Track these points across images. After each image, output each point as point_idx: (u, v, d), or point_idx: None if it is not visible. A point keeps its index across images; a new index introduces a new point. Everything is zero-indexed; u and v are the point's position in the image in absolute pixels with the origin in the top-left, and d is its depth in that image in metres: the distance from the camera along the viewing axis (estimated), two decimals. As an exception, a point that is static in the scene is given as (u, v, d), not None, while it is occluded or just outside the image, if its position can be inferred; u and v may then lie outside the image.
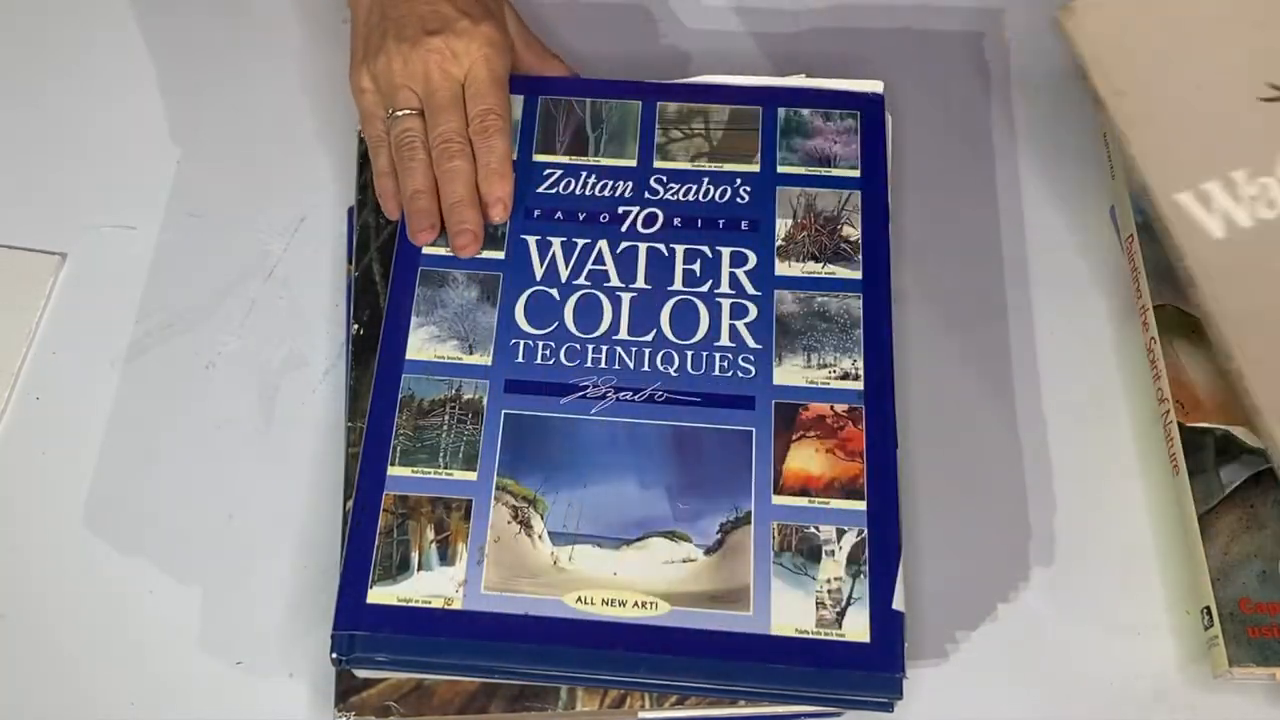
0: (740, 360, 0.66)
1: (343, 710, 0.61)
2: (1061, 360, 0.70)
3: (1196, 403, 0.65)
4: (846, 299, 0.67)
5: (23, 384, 0.72)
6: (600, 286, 0.68)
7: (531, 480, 0.63)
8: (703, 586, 0.61)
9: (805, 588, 0.61)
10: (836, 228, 0.69)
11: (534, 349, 0.67)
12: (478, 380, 0.66)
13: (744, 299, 0.68)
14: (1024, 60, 0.79)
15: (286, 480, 0.69)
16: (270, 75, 0.81)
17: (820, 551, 0.61)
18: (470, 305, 0.68)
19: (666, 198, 0.71)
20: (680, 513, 0.62)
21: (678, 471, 0.63)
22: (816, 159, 0.72)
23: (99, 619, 0.66)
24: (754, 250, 0.69)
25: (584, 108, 0.74)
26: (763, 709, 0.61)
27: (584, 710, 0.61)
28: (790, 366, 0.66)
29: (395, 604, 0.61)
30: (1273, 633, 0.60)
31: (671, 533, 0.62)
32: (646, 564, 0.61)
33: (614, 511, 0.63)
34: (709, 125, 0.73)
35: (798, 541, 0.62)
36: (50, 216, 0.77)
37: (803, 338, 0.67)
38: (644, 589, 0.61)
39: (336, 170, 0.78)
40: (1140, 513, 0.66)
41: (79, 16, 0.84)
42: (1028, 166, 0.76)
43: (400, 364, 0.67)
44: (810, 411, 0.65)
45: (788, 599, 0.60)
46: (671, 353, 0.66)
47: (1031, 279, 0.72)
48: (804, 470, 0.63)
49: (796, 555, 0.61)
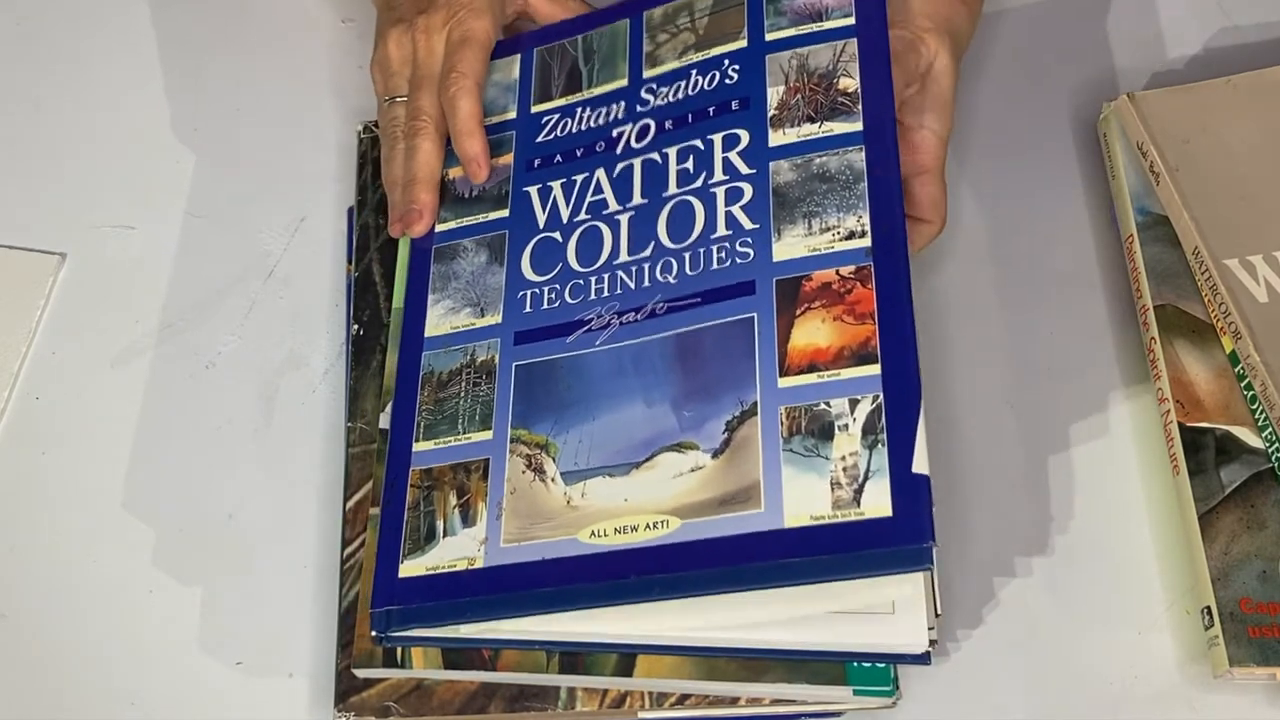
0: (737, 246, 0.62)
1: (343, 710, 0.61)
2: (1061, 360, 0.70)
3: (1196, 403, 0.65)
4: (847, 154, 0.62)
5: (23, 384, 0.72)
6: (599, 216, 0.66)
7: (543, 426, 0.61)
8: (711, 493, 0.57)
9: (818, 470, 0.56)
10: (832, 83, 0.64)
11: (540, 296, 0.65)
12: (490, 340, 0.65)
13: (738, 181, 0.64)
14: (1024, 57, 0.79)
15: (286, 480, 0.69)
16: (270, 75, 0.81)
17: (832, 428, 0.57)
18: (480, 270, 0.67)
19: (657, 105, 0.68)
20: (685, 421, 0.59)
21: (681, 380, 0.60)
22: (807, 15, 0.67)
23: (99, 619, 0.66)
24: (745, 128, 0.65)
25: (576, 46, 0.72)
26: (763, 709, 0.61)
27: (584, 710, 0.61)
28: (790, 239, 0.61)
29: (424, 574, 0.60)
30: (1273, 633, 0.60)
31: (678, 445, 0.59)
32: (657, 482, 0.58)
33: (622, 437, 0.60)
34: (694, 16, 0.69)
35: (808, 422, 0.57)
36: (50, 216, 0.77)
37: (802, 205, 0.62)
38: (654, 509, 0.58)
39: (336, 170, 0.78)
40: (1140, 513, 0.66)
41: (79, 17, 0.84)
42: (1028, 165, 0.76)
43: (420, 344, 0.66)
44: (814, 281, 0.60)
45: (799, 486, 0.56)
46: (670, 260, 0.63)
47: (1032, 279, 0.72)
48: (810, 345, 0.59)
49: (807, 438, 0.57)
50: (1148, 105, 0.72)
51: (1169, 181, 0.69)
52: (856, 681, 0.59)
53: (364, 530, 0.65)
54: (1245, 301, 0.65)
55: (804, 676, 0.59)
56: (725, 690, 0.60)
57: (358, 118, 0.77)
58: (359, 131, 0.76)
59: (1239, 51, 0.78)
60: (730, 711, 0.61)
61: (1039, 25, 0.80)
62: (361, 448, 0.67)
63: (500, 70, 0.72)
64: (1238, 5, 0.80)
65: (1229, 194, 0.69)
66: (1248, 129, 0.71)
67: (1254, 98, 0.72)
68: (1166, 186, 0.69)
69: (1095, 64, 0.78)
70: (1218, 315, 0.66)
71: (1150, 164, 0.70)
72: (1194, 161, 0.70)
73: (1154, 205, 0.70)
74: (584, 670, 0.60)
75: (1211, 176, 0.69)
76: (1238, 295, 0.65)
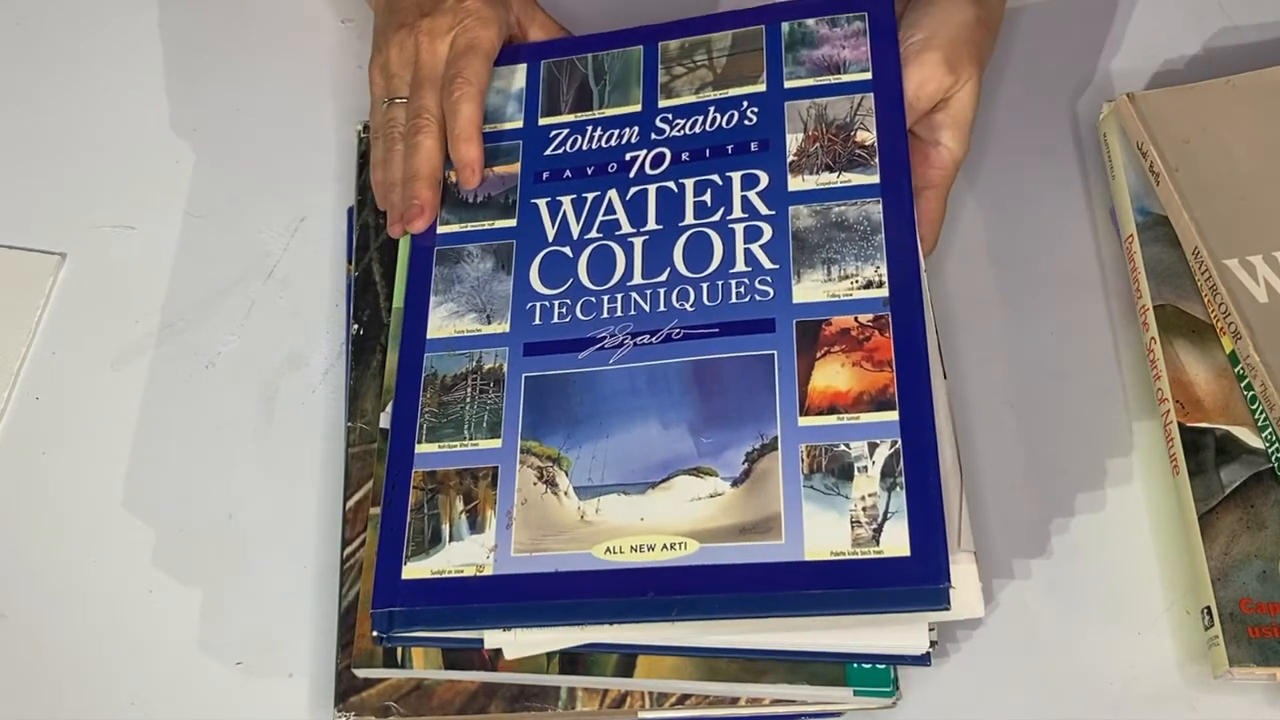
0: (757, 284, 0.63)
1: (343, 710, 0.61)
2: (1061, 360, 0.70)
3: (1196, 403, 0.65)
4: (865, 205, 0.65)
5: (23, 384, 0.72)
6: (612, 236, 0.67)
7: (555, 439, 0.62)
8: (732, 520, 0.58)
9: (839, 508, 0.58)
10: (850, 134, 0.67)
11: (550, 309, 0.65)
12: (497, 349, 0.65)
13: (758, 220, 0.65)
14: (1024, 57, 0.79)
15: (286, 480, 0.69)
16: (270, 75, 0.81)
17: (852, 469, 0.58)
18: (486, 276, 0.67)
19: (673, 135, 0.69)
20: (704, 447, 0.60)
21: (699, 406, 0.61)
22: (825, 67, 0.69)
23: (99, 619, 0.66)
24: (765, 170, 0.66)
25: (586, 64, 0.72)
26: (763, 709, 0.61)
27: (584, 710, 0.61)
28: (810, 283, 0.63)
29: (429, 577, 0.60)
30: (1273, 633, 0.60)
31: (696, 469, 0.60)
32: (673, 505, 0.59)
33: (638, 457, 0.61)
34: (712, 55, 0.71)
35: (828, 462, 0.59)
36: (50, 216, 0.77)
37: (821, 251, 0.64)
38: (671, 530, 0.59)
39: (336, 170, 0.78)
40: (1140, 513, 0.66)
41: (79, 17, 0.84)
42: (1027, 165, 0.76)
43: (422, 345, 0.66)
44: (833, 326, 0.62)
45: (820, 522, 0.58)
46: (687, 288, 0.64)
47: (1032, 279, 0.72)
48: (830, 387, 0.60)
49: (827, 476, 0.58)
50: (1148, 105, 0.72)
51: (1169, 181, 0.69)
52: (856, 682, 0.59)
53: (364, 530, 0.65)
54: (1245, 301, 0.65)
55: (804, 677, 0.59)
56: (725, 690, 0.60)
57: (358, 118, 0.77)
58: (359, 131, 0.76)
59: (1239, 51, 0.78)
60: (730, 712, 0.61)
61: (1039, 25, 0.80)
62: (361, 447, 0.67)
63: (503, 77, 0.73)
64: (1238, 5, 0.80)
65: (1229, 194, 0.69)
66: (1248, 129, 0.71)
67: (1254, 98, 0.72)
68: (1166, 186, 0.69)
69: (1095, 64, 0.78)
70: (1218, 315, 0.66)
71: (1150, 164, 0.70)
72: (1194, 161, 0.70)
73: (1154, 205, 0.70)
74: (584, 670, 0.60)
75: (1211, 176, 0.69)
76: (1238, 295, 0.65)
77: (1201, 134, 0.70)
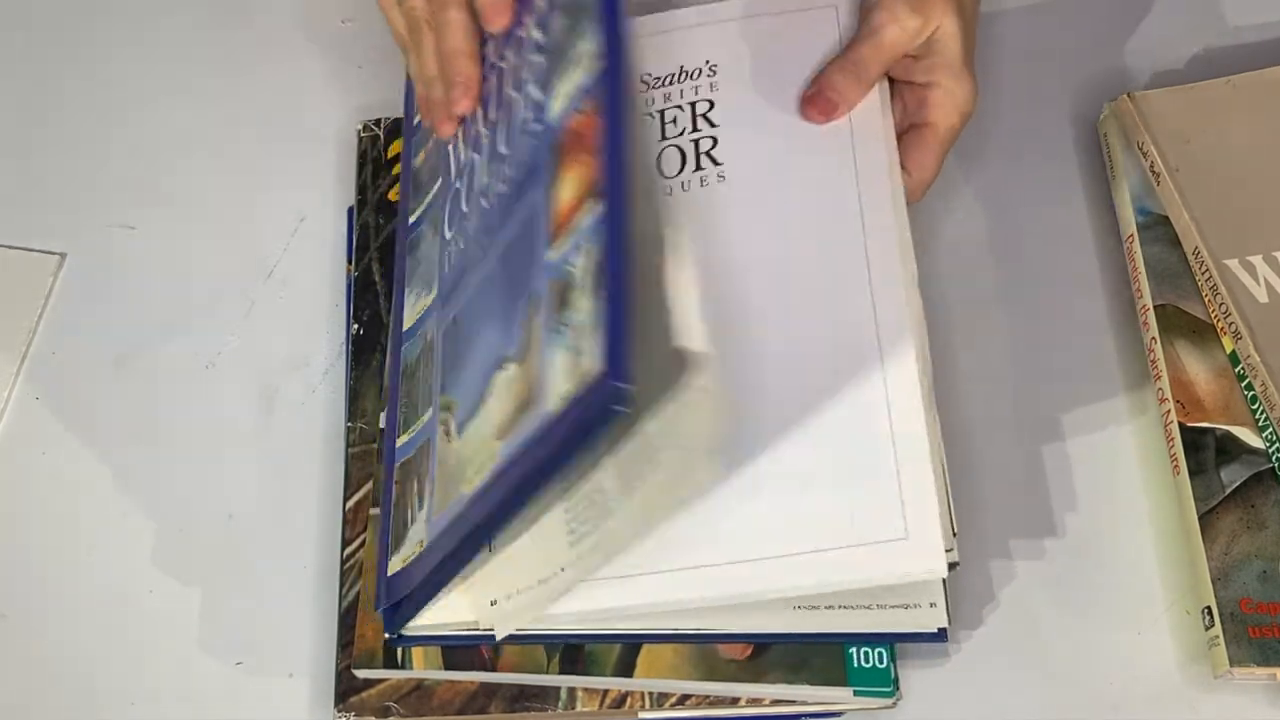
0: (531, 124, 0.58)
1: (343, 710, 0.61)
2: (1061, 360, 0.70)
3: (1196, 403, 0.65)
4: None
5: (23, 384, 0.72)
6: (477, 148, 0.63)
7: (451, 388, 0.59)
8: (517, 400, 0.53)
9: (563, 341, 0.50)
10: None
11: (452, 251, 0.63)
12: (436, 314, 0.63)
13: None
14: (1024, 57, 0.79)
15: (286, 480, 0.69)
16: (270, 75, 0.81)
17: (571, 287, 0.50)
18: (430, 248, 0.65)
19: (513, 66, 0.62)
20: (507, 337, 0.55)
21: (503, 293, 0.56)
22: None
23: (99, 619, 0.66)
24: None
25: None
26: (763, 709, 0.61)
27: (584, 710, 0.61)
28: (560, 94, 0.56)
29: (401, 568, 0.59)
30: (1273, 633, 0.60)
31: (500, 362, 0.55)
32: (497, 407, 0.54)
33: (477, 375, 0.56)
34: None
35: (561, 290, 0.51)
36: (50, 216, 0.77)
37: (561, 52, 0.57)
38: (494, 436, 0.54)
39: (336, 170, 0.78)
40: (1140, 513, 0.66)
41: (80, 18, 0.84)
42: (1027, 165, 0.76)
43: (400, 338, 0.65)
44: (570, 132, 0.54)
45: (555, 366, 0.50)
46: (499, 165, 0.59)
47: (1032, 279, 0.72)
48: (567, 202, 0.53)
49: (559, 309, 0.51)
50: (1148, 105, 0.72)
51: (1169, 181, 0.69)
52: (857, 682, 0.59)
53: (364, 530, 0.65)
54: (1245, 301, 0.65)
55: (804, 677, 0.59)
56: (725, 690, 0.60)
57: (358, 118, 0.77)
58: (359, 131, 0.76)
59: (1239, 51, 0.78)
60: (730, 711, 0.61)
61: (1039, 25, 0.80)
62: (361, 448, 0.67)
63: None
64: (1238, 5, 0.80)
65: (1229, 194, 0.69)
66: (1248, 129, 0.71)
67: (1254, 98, 0.72)
68: (1166, 186, 0.69)
69: (1095, 64, 0.78)
70: (1218, 315, 0.66)
71: (1150, 164, 0.70)
72: (1194, 161, 0.70)
73: (1154, 205, 0.70)
74: (584, 670, 0.60)
75: (1211, 176, 0.69)
76: (1238, 295, 0.65)
77: (1202, 134, 0.71)
